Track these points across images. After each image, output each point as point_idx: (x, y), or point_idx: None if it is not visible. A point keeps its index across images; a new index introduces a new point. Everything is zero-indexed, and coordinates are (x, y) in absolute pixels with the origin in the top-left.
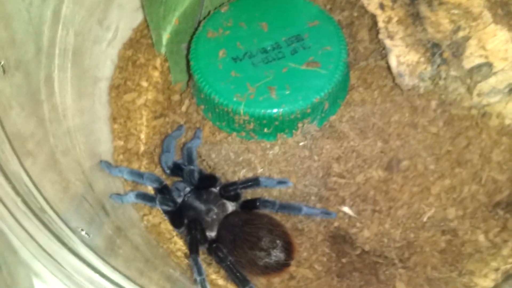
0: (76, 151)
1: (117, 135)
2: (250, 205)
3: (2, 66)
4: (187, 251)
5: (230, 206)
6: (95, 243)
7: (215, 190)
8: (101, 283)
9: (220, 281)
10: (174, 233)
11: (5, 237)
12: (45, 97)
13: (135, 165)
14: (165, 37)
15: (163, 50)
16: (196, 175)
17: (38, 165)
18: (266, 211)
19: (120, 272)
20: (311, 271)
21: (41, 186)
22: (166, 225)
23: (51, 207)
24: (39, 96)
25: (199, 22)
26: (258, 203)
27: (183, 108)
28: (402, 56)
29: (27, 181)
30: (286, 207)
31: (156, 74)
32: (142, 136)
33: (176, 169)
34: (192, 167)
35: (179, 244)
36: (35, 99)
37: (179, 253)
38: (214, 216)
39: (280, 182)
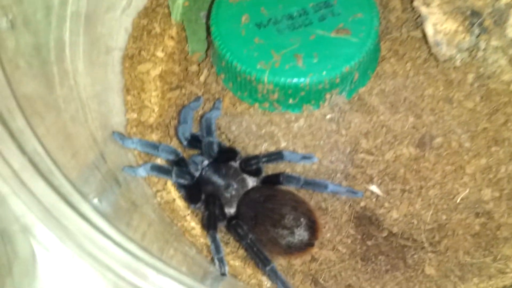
0: (88, 119)
1: (130, 107)
2: (272, 180)
3: (10, 21)
4: (202, 230)
5: (251, 182)
6: (107, 211)
7: (235, 164)
8: (115, 252)
9: (237, 262)
10: (189, 211)
11: (4, 202)
12: (55, 60)
13: (148, 138)
14: (183, 4)
15: (180, 18)
16: (215, 147)
17: (46, 128)
18: (289, 187)
19: (134, 242)
20: (335, 254)
21: (50, 149)
22: (181, 202)
23: (60, 171)
24: (48, 57)
25: None
26: (281, 178)
27: (201, 79)
28: (439, 24)
29: (34, 141)
30: (311, 184)
31: (172, 44)
32: (157, 108)
33: (193, 141)
34: (211, 138)
35: (194, 222)
36: (44, 60)
37: (193, 232)
38: (234, 192)
39: (305, 157)
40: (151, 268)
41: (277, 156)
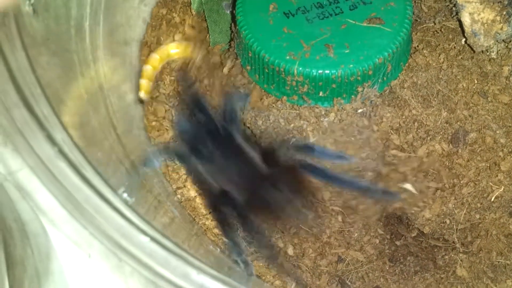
0: (109, 110)
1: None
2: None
3: (32, 4)
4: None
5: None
6: (136, 206)
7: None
8: (153, 249)
9: (260, 263)
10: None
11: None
12: (75, 48)
13: (166, 134)
14: None
15: (200, 8)
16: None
17: (72, 118)
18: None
19: (168, 238)
20: (362, 254)
21: (77, 141)
22: (202, 200)
23: (89, 162)
24: (69, 46)
25: None
26: (300, 166)
27: (225, 70)
28: (476, 13)
29: (61, 131)
30: (336, 179)
31: (192, 34)
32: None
33: None
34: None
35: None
36: (66, 48)
37: (215, 230)
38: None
39: (340, 157)
40: (191, 267)
41: (306, 150)
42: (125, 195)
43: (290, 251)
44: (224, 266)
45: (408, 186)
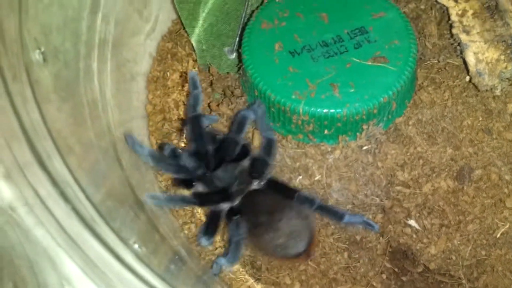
0: (117, 150)
1: (153, 132)
2: (284, 193)
3: (42, 53)
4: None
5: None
6: (148, 257)
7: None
8: None
9: None
10: (219, 244)
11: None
12: (84, 91)
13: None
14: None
15: (207, 61)
16: (237, 149)
17: (82, 168)
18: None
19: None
20: None
21: (89, 192)
22: None
23: (100, 215)
24: (78, 89)
25: (251, 14)
26: (295, 197)
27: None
28: (480, 53)
29: (73, 185)
30: (326, 210)
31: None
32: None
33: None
34: (237, 138)
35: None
36: (75, 92)
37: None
38: (238, 189)
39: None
40: None
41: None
42: (136, 246)
43: (297, 287)
44: None
45: (412, 222)
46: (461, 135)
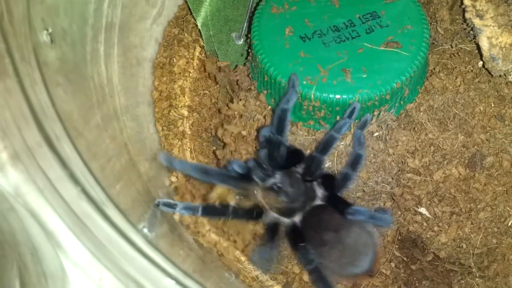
0: (124, 136)
1: (159, 119)
2: (338, 207)
3: (50, 34)
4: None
5: (319, 192)
6: (157, 241)
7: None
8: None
9: None
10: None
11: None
12: (91, 74)
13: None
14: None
15: (213, 47)
16: (283, 150)
17: (92, 152)
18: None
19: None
20: (378, 278)
21: (98, 176)
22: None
23: (111, 200)
24: (85, 72)
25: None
26: (347, 211)
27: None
28: (494, 37)
29: (83, 169)
30: (376, 219)
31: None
32: (190, 122)
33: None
34: (280, 138)
35: (227, 243)
36: (82, 74)
37: (229, 257)
38: (301, 203)
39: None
40: None
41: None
42: (145, 230)
43: (306, 277)
44: None
45: (422, 210)
46: (473, 121)
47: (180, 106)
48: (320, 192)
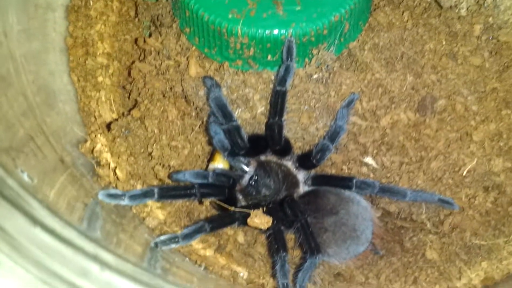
0: (23, 82)
1: (74, 68)
2: (340, 184)
3: None
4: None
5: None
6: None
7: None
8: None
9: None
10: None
11: None
12: None
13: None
14: None
15: None
16: (242, 132)
17: None
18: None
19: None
20: None
21: None
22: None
23: None
24: None
25: None
26: (353, 184)
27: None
28: None
29: None
30: (387, 191)
31: None
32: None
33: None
34: (233, 123)
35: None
36: None
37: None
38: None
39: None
40: None
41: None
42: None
43: (241, 238)
44: None
45: (369, 160)
46: (422, 61)
47: (98, 53)
48: (301, 175)
